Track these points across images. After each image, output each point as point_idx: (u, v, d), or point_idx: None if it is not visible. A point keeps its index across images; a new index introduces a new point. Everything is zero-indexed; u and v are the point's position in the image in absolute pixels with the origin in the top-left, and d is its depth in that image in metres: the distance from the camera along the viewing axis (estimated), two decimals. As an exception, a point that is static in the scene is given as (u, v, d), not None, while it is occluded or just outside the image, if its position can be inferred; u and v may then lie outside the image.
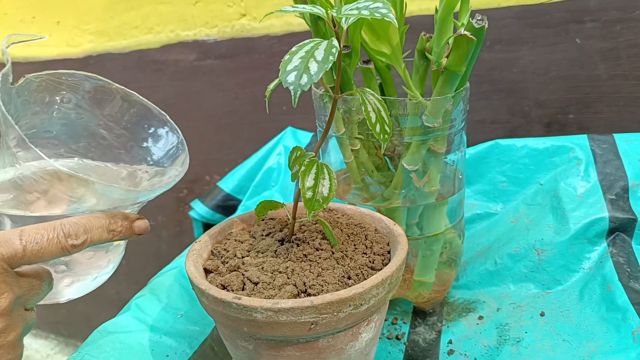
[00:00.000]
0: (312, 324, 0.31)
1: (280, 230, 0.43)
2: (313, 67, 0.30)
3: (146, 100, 0.44)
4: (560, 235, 0.52)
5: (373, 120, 0.36)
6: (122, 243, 0.43)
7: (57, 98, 0.41)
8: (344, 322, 0.32)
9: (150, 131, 0.45)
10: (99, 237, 0.35)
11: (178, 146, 0.44)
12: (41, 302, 0.37)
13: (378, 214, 0.43)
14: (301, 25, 0.77)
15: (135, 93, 0.43)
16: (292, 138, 0.76)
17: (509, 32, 0.66)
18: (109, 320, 0.47)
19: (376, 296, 0.33)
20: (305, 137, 0.76)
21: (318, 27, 0.42)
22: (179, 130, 0.44)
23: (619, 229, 0.50)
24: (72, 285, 0.42)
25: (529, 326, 0.46)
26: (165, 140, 0.45)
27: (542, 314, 0.48)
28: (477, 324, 0.48)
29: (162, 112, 0.44)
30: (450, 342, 0.46)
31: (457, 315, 0.50)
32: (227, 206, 0.78)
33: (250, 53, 0.83)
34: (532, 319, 0.47)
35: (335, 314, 0.31)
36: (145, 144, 0.45)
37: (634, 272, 0.47)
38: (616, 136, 0.57)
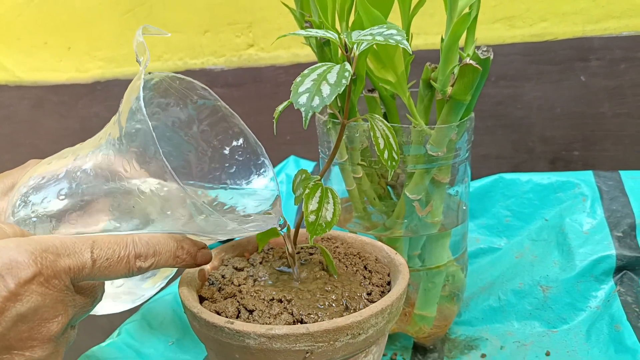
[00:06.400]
0: (307, 352, 0.30)
1: (279, 258, 0.42)
2: (325, 89, 0.29)
3: (245, 126, 0.41)
4: (566, 272, 0.50)
5: (381, 146, 0.35)
6: None
7: (164, 102, 0.38)
8: (341, 352, 0.31)
9: (240, 159, 0.41)
10: (164, 261, 0.31)
11: (268, 184, 0.41)
12: None
13: (379, 243, 0.42)
14: (308, 56, 0.78)
15: (237, 116, 0.40)
16: (295, 167, 0.75)
17: (514, 68, 0.66)
18: (96, 346, 0.45)
19: (375, 326, 0.32)
20: (308, 166, 0.76)
21: (324, 53, 0.42)
22: (272, 168, 0.41)
23: (626, 267, 0.49)
24: (117, 299, 0.40)
25: (534, 366, 0.45)
26: (253, 174, 0.41)
27: (548, 354, 0.46)
28: (480, 362, 0.46)
29: (259, 143, 0.41)
30: (451, 380, 0.45)
31: (458, 353, 0.48)
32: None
33: (256, 82, 0.84)
34: (537, 359, 0.45)
35: (331, 342, 0.30)
36: (230, 171, 0.41)
37: (643, 313, 0.45)
38: (622, 173, 0.57)
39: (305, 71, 0.31)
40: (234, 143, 0.41)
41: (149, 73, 0.36)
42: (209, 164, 0.42)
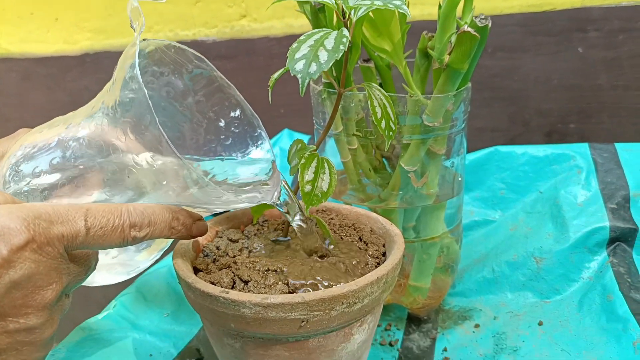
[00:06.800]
0: (303, 321, 0.30)
1: (275, 230, 0.41)
2: (323, 55, 0.29)
3: (242, 97, 0.39)
4: (559, 244, 0.50)
5: (379, 115, 0.35)
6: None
7: (159, 71, 0.37)
8: (336, 321, 0.31)
9: (237, 131, 0.40)
10: (159, 232, 0.31)
11: (264, 157, 0.39)
12: None
13: (374, 214, 0.42)
14: (302, 27, 0.77)
15: (233, 87, 0.39)
16: (289, 140, 0.75)
17: (512, 39, 0.65)
18: (91, 318, 0.45)
19: (370, 295, 0.31)
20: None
21: (318, 20, 0.41)
22: (269, 140, 0.40)
23: (619, 239, 0.49)
24: (111, 271, 0.39)
25: (527, 335, 0.45)
26: (250, 147, 0.40)
27: (540, 324, 0.46)
28: (473, 332, 0.47)
29: (255, 114, 0.40)
30: (445, 349, 0.45)
31: (452, 323, 0.49)
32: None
33: (249, 54, 0.82)
34: (529, 328, 0.46)
35: (327, 311, 0.30)
36: (226, 143, 0.40)
37: (634, 283, 0.45)
38: (617, 145, 0.57)
39: (302, 37, 0.30)
40: (231, 114, 0.40)
41: (144, 40, 0.35)
42: (204, 135, 0.41)
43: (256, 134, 0.41)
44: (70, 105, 1.02)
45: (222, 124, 0.40)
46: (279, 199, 0.36)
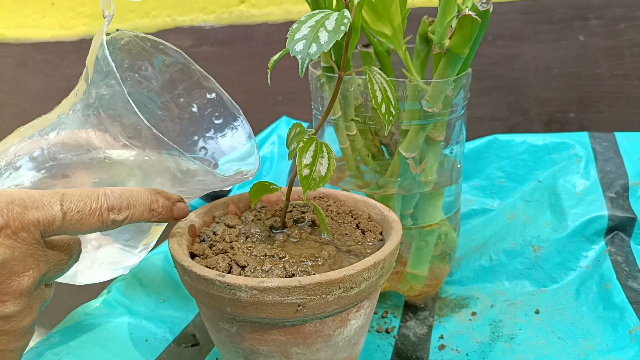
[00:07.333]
0: (299, 305, 0.30)
1: (272, 216, 0.41)
2: (323, 36, 0.28)
3: (221, 88, 0.40)
4: (557, 233, 0.50)
5: (379, 99, 0.34)
6: (160, 229, 0.40)
7: (136, 65, 0.37)
8: (333, 305, 0.30)
9: (218, 122, 0.40)
10: (139, 215, 0.31)
11: (245, 143, 0.40)
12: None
13: (372, 201, 0.41)
14: (301, 13, 0.76)
15: (212, 78, 0.40)
16: (287, 128, 0.74)
17: (512, 27, 0.65)
18: (86, 302, 0.45)
19: (367, 280, 0.31)
20: (300, 128, 0.74)
21: (318, 4, 0.41)
22: (249, 126, 0.40)
23: (617, 228, 0.49)
24: (96, 267, 0.39)
25: (523, 323, 0.45)
26: (231, 135, 0.41)
27: (537, 312, 0.46)
28: (470, 319, 0.47)
29: (236, 105, 0.40)
30: (441, 337, 0.45)
31: (449, 311, 0.48)
32: (219, 196, 0.76)
33: (248, 41, 0.81)
34: (526, 317, 0.46)
35: (323, 296, 0.30)
36: (208, 134, 0.41)
37: (632, 272, 0.45)
38: (617, 134, 0.56)
39: (303, 18, 0.30)
40: (210, 106, 0.41)
41: (117, 30, 0.35)
42: (187, 128, 0.41)
43: (237, 124, 0.41)
44: (67, 91, 1.01)
45: (203, 115, 0.41)
46: None
